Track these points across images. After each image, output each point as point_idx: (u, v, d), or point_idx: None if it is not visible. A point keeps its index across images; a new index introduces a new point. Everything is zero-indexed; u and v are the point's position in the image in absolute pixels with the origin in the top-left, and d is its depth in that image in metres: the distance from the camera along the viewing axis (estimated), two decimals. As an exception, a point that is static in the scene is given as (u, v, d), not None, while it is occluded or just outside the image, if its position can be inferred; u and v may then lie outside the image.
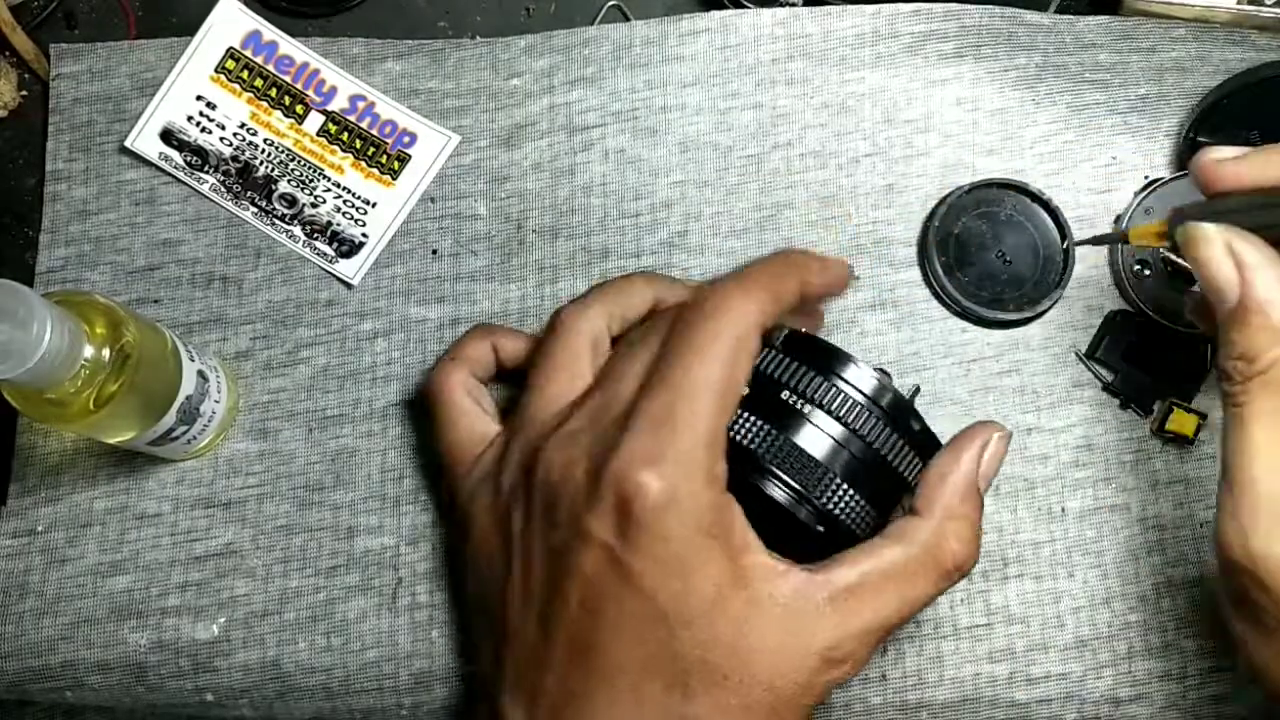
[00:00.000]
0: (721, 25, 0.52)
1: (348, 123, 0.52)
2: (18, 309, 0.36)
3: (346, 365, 0.50)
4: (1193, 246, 0.36)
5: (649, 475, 0.36)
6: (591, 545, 0.37)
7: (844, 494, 0.38)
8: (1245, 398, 0.35)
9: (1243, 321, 0.35)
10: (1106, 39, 0.51)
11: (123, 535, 0.48)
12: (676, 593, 0.36)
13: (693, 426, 0.37)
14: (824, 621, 0.37)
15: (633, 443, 0.37)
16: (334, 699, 0.47)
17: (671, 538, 0.36)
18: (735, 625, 0.36)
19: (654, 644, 0.36)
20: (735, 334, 0.38)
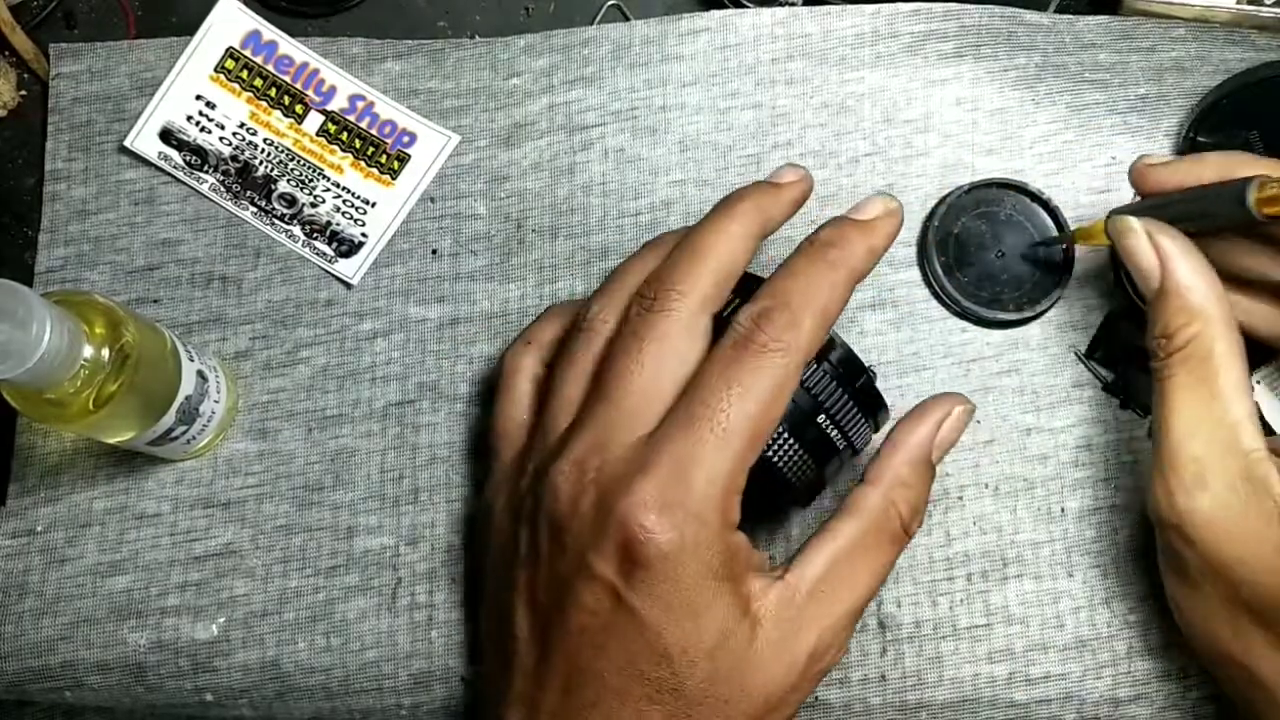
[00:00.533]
0: (721, 25, 0.52)
1: (347, 122, 0.52)
2: (17, 309, 0.36)
3: (346, 365, 0.50)
4: (1121, 237, 0.41)
5: (659, 522, 0.35)
6: (594, 581, 0.36)
7: (783, 442, 0.38)
8: (1167, 371, 0.39)
9: (1163, 303, 0.39)
10: (1106, 39, 0.51)
11: (122, 535, 0.48)
12: (683, 636, 0.36)
13: (718, 472, 0.36)
14: (807, 620, 0.37)
15: (649, 483, 0.36)
16: (333, 699, 0.47)
17: (680, 584, 0.36)
18: (738, 656, 0.36)
19: (657, 681, 0.36)
20: (781, 375, 0.37)
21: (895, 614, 0.47)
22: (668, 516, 0.35)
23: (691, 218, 0.51)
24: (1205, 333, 0.38)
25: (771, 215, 0.41)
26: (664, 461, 0.36)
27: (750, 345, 0.37)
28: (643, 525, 0.35)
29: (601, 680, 0.37)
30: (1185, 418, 0.38)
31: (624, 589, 0.36)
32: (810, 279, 0.38)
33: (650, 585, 0.36)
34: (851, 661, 0.46)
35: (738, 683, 0.37)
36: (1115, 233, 0.41)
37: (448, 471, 0.49)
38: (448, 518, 0.48)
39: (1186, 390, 0.38)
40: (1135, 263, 0.40)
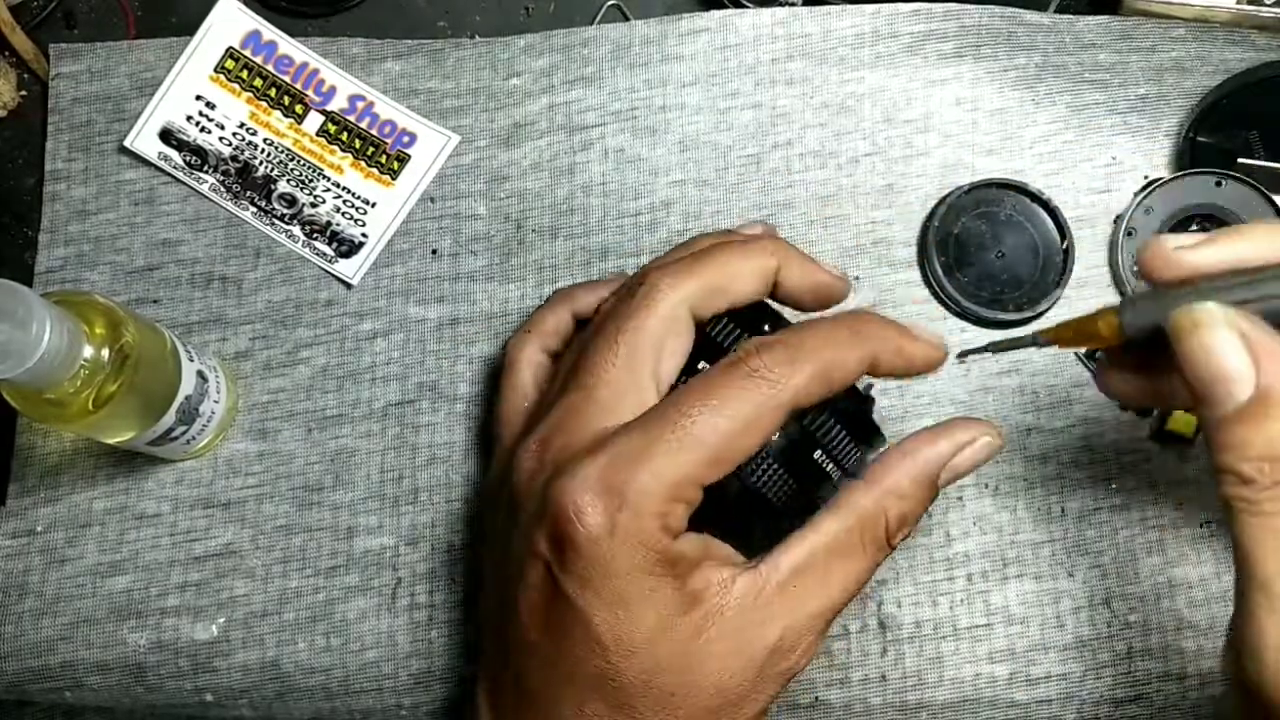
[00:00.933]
0: (721, 25, 0.52)
1: (347, 123, 0.52)
2: (17, 309, 0.36)
3: (346, 365, 0.50)
4: (1191, 333, 0.31)
5: (594, 507, 0.34)
6: (537, 560, 0.36)
7: (768, 469, 0.37)
8: (1265, 503, 0.30)
9: (1265, 415, 0.30)
10: (1106, 39, 0.51)
11: (122, 535, 0.48)
12: (615, 623, 0.35)
13: (663, 472, 0.35)
14: (773, 611, 0.36)
15: (591, 467, 0.35)
16: (333, 699, 0.47)
17: (610, 571, 0.35)
18: (682, 646, 0.35)
19: (595, 669, 0.35)
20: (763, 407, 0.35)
21: (895, 614, 0.47)
22: (602, 501, 0.34)
23: (691, 218, 0.51)
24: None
25: (792, 273, 0.39)
26: (614, 451, 0.35)
27: (740, 367, 0.35)
28: (576, 506, 0.34)
29: (546, 662, 0.36)
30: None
31: (558, 571, 0.35)
32: (828, 337, 0.36)
33: (581, 570, 0.35)
34: (851, 661, 0.46)
35: (685, 675, 0.35)
36: (1184, 327, 0.31)
37: (448, 471, 0.49)
38: (448, 518, 0.48)
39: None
40: (1214, 366, 0.31)
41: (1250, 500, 0.30)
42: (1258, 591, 0.30)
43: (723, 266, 0.38)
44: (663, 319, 0.37)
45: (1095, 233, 0.50)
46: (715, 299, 0.38)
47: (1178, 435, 0.47)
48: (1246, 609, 0.31)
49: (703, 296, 0.38)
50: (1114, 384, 0.38)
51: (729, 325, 0.39)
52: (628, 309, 0.38)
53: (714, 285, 0.38)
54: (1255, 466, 0.30)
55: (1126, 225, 0.49)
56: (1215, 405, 0.31)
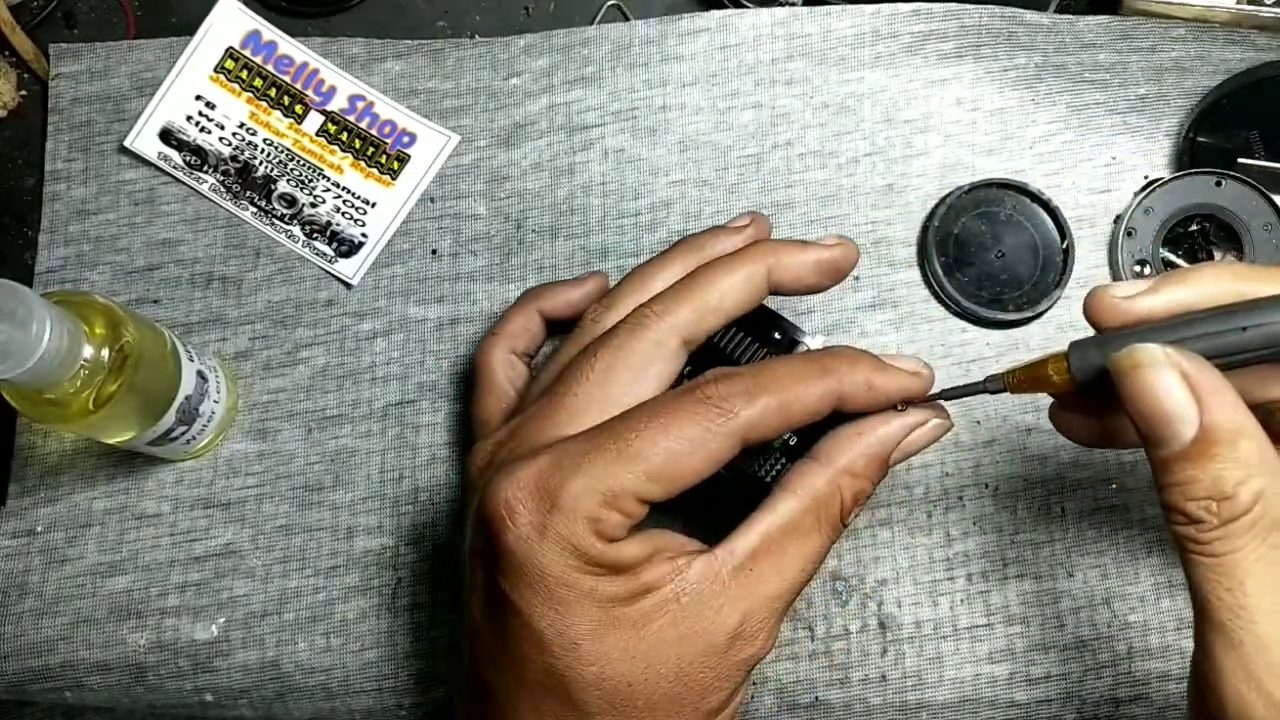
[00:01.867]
0: (721, 25, 0.52)
1: (347, 123, 0.52)
2: (17, 309, 0.36)
3: (346, 365, 0.50)
4: (1134, 374, 0.31)
5: (525, 508, 0.34)
6: (477, 560, 0.36)
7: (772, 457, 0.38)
8: (1228, 545, 0.30)
9: (1207, 456, 0.30)
10: (1106, 39, 0.51)
11: (122, 535, 0.48)
12: (555, 619, 0.34)
13: (598, 480, 0.34)
14: (730, 596, 0.35)
15: (528, 469, 0.35)
16: (333, 699, 0.47)
17: (544, 571, 0.34)
18: (629, 636, 0.35)
19: (541, 665, 0.35)
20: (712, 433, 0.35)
21: (895, 614, 0.47)
22: (533, 501, 0.34)
23: (691, 218, 0.51)
24: (1271, 486, 0.30)
25: (785, 267, 0.40)
26: (554, 455, 0.35)
27: (696, 392, 0.36)
28: (507, 505, 0.34)
29: (496, 660, 0.36)
30: (1273, 604, 0.29)
31: (495, 570, 0.35)
32: (793, 373, 0.36)
33: (515, 569, 0.35)
34: (851, 661, 0.46)
35: (640, 664, 0.35)
36: (1125, 367, 0.31)
37: (448, 471, 0.49)
38: (448, 518, 0.48)
39: (1268, 566, 0.30)
40: (1156, 405, 0.30)
41: (1199, 541, 0.30)
42: (1214, 632, 0.30)
43: (711, 287, 0.39)
44: (648, 343, 0.38)
45: (1095, 233, 0.50)
46: (708, 320, 0.39)
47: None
48: (1204, 649, 0.31)
49: (694, 322, 0.39)
50: (1068, 425, 0.38)
51: (736, 334, 0.40)
52: (615, 330, 0.39)
53: (704, 308, 0.39)
54: (1203, 506, 0.30)
55: (1126, 225, 0.49)
56: (1160, 445, 0.31)
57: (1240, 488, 0.29)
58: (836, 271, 0.41)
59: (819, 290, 0.41)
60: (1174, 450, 0.30)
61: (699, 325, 0.39)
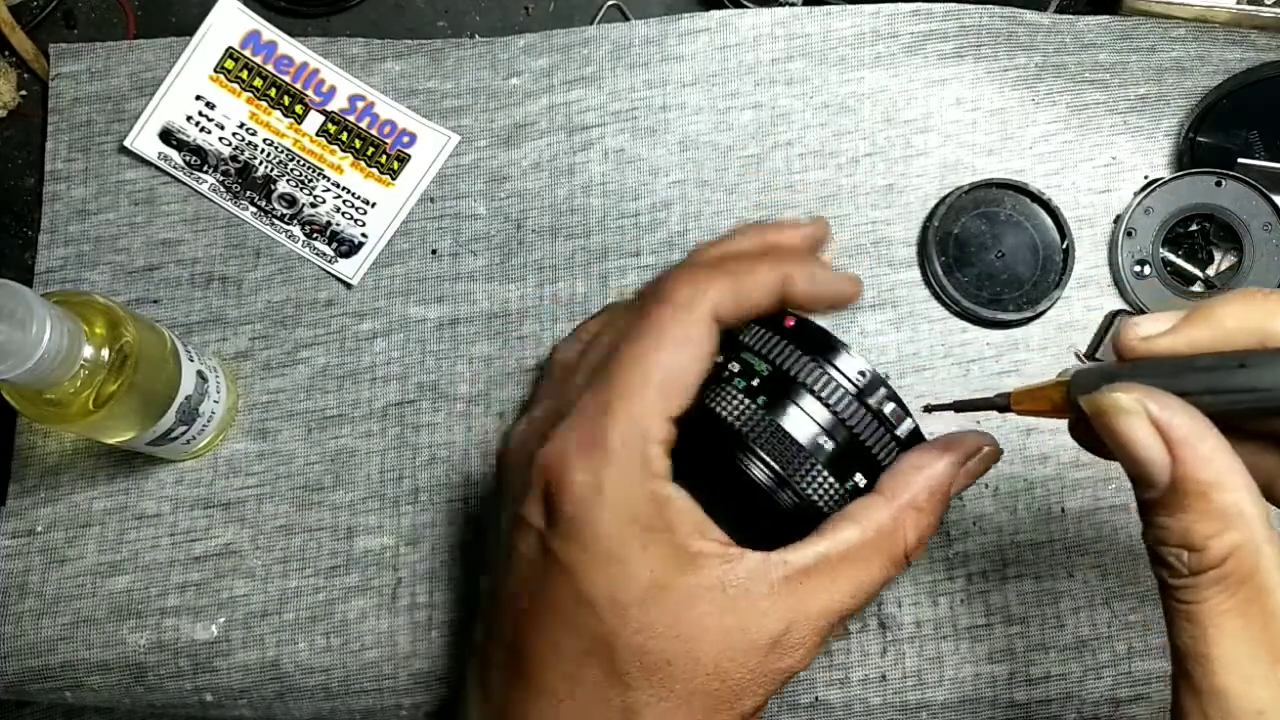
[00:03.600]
0: (721, 25, 0.52)
1: (347, 123, 0.52)
2: (17, 309, 0.36)
3: (346, 365, 0.50)
4: (1107, 419, 0.30)
5: (574, 467, 0.36)
6: (526, 529, 0.37)
7: (824, 480, 0.38)
8: (1195, 595, 0.30)
9: (1178, 506, 0.29)
10: (1106, 39, 0.51)
11: (122, 535, 0.48)
12: (607, 581, 0.35)
13: (628, 419, 0.36)
14: (776, 604, 0.36)
15: (565, 432, 0.37)
16: (333, 699, 0.47)
17: (601, 529, 0.35)
18: (675, 611, 0.35)
19: (587, 631, 0.36)
20: (681, 323, 0.37)
21: (895, 614, 0.47)
22: (583, 460, 0.36)
23: (691, 218, 0.51)
24: (1248, 543, 0.29)
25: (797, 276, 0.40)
26: (580, 413, 0.37)
27: (649, 298, 0.38)
28: (559, 469, 0.36)
29: (538, 630, 0.37)
30: (1239, 657, 0.29)
31: (548, 534, 0.36)
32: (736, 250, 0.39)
33: (571, 530, 0.36)
34: (852, 661, 0.46)
35: (681, 644, 0.35)
36: (1097, 413, 0.31)
37: (448, 471, 0.49)
38: (448, 518, 0.48)
39: (1233, 619, 0.29)
40: (1131, 452, 0.30)
41: (1172, 586, 0.30)
42: (1181, 675, 0.30)
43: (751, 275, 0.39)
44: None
45: (1095, 233, 0.50)
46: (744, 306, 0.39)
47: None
48: (1176, 688, 0.31)
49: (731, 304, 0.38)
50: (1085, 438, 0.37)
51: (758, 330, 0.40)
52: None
53: (741, 292, 0.39)
54: (1174, 554, 0.30)
55: (1126, 225, 0.49)
56: (1139, 489, 0.31)
57: (1211, 541, 0.29)
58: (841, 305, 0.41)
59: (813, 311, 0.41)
60: (1150, 496, 0.30)
61: (736, 308, 0.39)
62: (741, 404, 0.38)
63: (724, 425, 0.38)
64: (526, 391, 0.49)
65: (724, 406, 0.38)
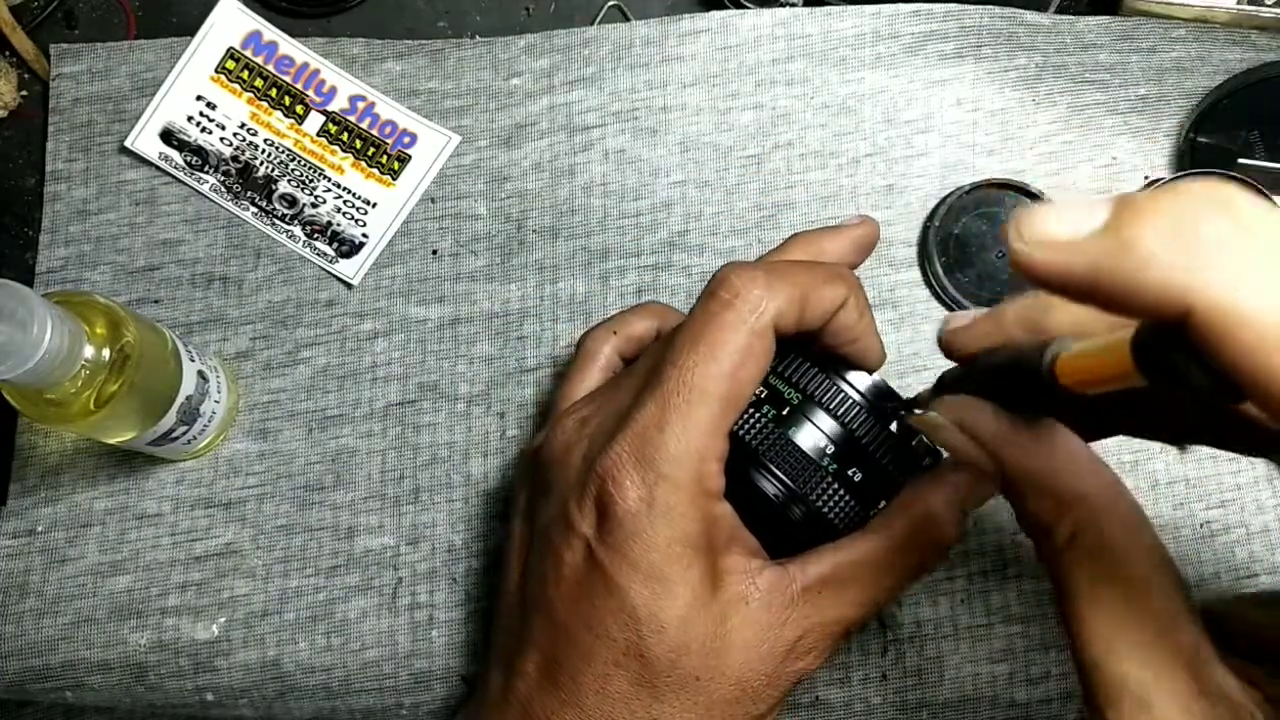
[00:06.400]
0: (722, 25, 0.52)
1: (348, 123, 0.52)
2: (17, 309, 0.36)
3: (346, 365, 0.50)
4: (934, 435, 0.34)
5: (631, 480, 0.35)
6: (573, 534, 0.37)
7: (834, 493, 0.38)
8: (1059, 574, 0.31)
9: (1018, 496, 0.32)
10: (1106, 39, 0.51)
11: (123, 535, 0.48)
12: (650, 598, 0.35)
13: (688, 432, 0.35)
14: (794, 613, 0.36)
15: (623, 442, 0.36)
16: (334, 699, 0.47)
17: (650, 545, 0.35)
18: (710, 629, 0.36)
19: (624, 643, 0.36)
20: (746, 331, 0.36)
21: (896, 613, 0.47)
22: (640, 474, 0.35)
23: (692, 219, 0.51)
24: (1089, 520, 0.30)
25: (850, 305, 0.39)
26: (638, 421, 0.36)
27: (718, 298, 0.36)
28: (615, 481, 0.35)
29: (571, 638, 0.37)
30: (1103, 632, 0.30)
31: (596, 544, 0.36)
32: (808, 267, 0.37)
33: (620, 543, 0.35)
34: (852, 661, 0.46)
35: (710, 660, 0.36)
36: (929, 431, 0.34)
37: (448, 471, 0.49)
38: (448, 518, 0.48)
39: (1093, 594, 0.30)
40: (962, 458, 0.33)
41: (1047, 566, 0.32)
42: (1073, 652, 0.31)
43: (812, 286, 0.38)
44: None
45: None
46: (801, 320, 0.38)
47: (1178, 435, 0.47)
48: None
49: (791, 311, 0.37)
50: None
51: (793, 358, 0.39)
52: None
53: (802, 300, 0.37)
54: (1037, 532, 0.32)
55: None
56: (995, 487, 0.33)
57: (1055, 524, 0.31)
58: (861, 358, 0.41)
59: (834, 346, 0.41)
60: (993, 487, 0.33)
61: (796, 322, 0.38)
62: (753, 419, 0.38)
63: (736, 440, 0.38)
64: (528, 391, 0.49)
65: (738, 423, 0.38)
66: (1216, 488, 0.48)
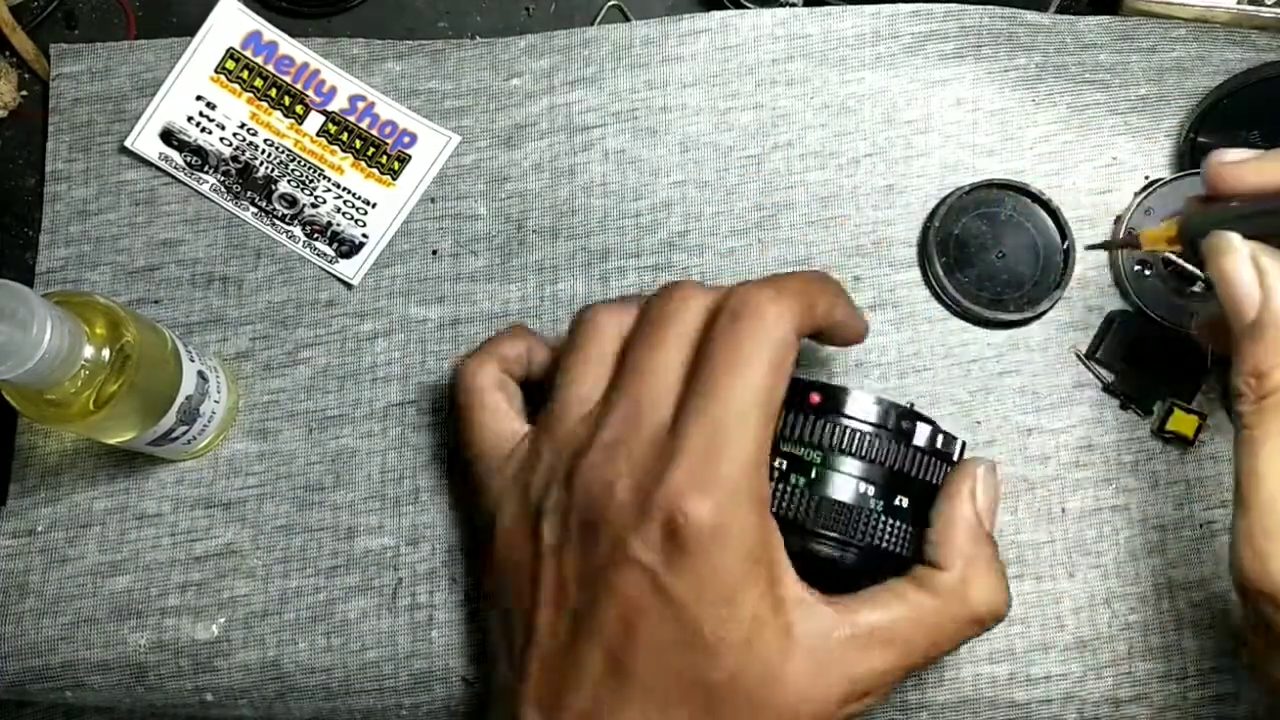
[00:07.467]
0: (721, 25, 0.52)
1: (348, 123, 0.52)
2: (18, 309, 0.36)
3: (346, 365, 0.50)
4: (1217, 256, 0.35)
5: (700, 504, 0.36)
6: (633, 567, 0.36)
7: (890, 527, 0.39)
8: (1256, 419, 0.34)
9: (1259, 337, 0.34)
10: (1106, 39, 0.51)
11: (123, 535, 0.48)
12: (718, 620, 0.36)
13: (741, 450, 0.36)
14: (851, 657, 0.37)
15: (682, 468, 0.36)
16: (334, 699, 0.47)
17: (719, 565, 0.36)
18: (769, 654, 0.36)
19: (688, 670, 0.36)
20: (777, 344, 0.37)
21: (896, 614, 0.47)
22: (708, 497, 0.36)
23: (692, 219, 0.51)
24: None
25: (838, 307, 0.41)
26: (692, 445, 0.37)
27: (729, 311, 0.38)
28: (686, 509, 0.36)
29: (630, 675, 0.36)
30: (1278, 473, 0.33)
31: (664, 573, 0.36)
32: (805, 276, 0.40)
33: (690, 567, 0.36)
34: (852, 662, 0.46)
35: (768, 689, 0.36)
36: (1212, 249, 0.36)
37: (448, 471, 0.49)
38: (448, 518, 0.48)
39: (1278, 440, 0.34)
40: (1231, 288, 0.35)
41: (1241, 414, 0.35)
42: (1237, 502, 0.34)
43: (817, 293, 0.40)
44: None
45: (1096, 233, 0.50)
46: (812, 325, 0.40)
47: (1179, 435, 0.47)
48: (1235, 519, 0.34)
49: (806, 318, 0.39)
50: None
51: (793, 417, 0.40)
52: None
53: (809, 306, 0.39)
54: (1245, 381, 0.34)
55: (1127, 225, 0.49)
56: (1234, 325, 0.35)
57: (1275, 370, 0.34)
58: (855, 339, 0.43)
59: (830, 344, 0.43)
60: (1240, 327, 0.35)
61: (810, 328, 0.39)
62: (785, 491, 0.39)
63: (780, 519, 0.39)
64: (527, 392, 0.49)
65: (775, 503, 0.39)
66: (1217, 488, 0.48)
